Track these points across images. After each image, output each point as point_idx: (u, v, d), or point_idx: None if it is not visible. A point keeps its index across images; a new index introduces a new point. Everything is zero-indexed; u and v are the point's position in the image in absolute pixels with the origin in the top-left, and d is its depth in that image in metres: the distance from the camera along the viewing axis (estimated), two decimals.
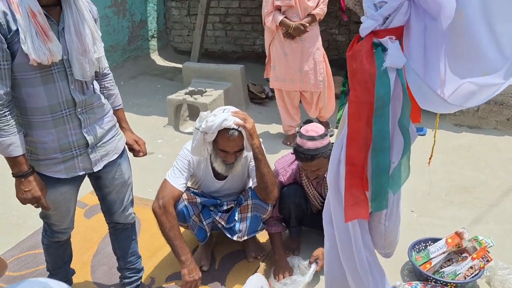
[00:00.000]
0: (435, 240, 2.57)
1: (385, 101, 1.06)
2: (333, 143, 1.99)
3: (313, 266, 2.46)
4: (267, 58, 4.03)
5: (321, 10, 3.78)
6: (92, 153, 1.93)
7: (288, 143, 4.10)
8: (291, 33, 3.74)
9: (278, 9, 3.75)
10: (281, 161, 2.70)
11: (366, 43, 1.11)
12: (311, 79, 3.86)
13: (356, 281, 1.32)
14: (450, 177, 3.50)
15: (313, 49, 3.83)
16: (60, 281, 2.30)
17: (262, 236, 2.77)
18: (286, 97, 4.05)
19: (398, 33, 1.09)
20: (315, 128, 2.42)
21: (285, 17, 3.73)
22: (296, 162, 2.63)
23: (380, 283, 1.34)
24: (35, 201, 1.80)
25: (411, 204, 3.13)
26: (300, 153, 2.38)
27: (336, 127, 1.34)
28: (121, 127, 2.15)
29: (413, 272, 2.51)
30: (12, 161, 1.73)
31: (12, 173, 1.76)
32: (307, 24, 3.72)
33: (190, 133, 4.40)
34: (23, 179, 1.75)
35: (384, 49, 1.09)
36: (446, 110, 1.04)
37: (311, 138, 2.37)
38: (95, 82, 1.96)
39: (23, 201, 1.80)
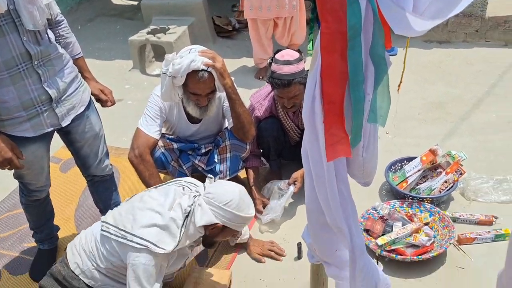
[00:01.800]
0: (410, 159, 2.64)
1: (357, 29, 1.00)
2: (307, 70, 1.95)
3: (291, 188, 2.48)
4: None
5: None
6: (57, 108, 1.85)
7: (260, 77, 4.02)
8: None
9: None
10: (256, 95, 2.65)
11: None
12: (286, 4, 3.72)
13: (328, 212, 1.35)
14: (423, 95, 3.53)
15: None
16: (45, 238, 2.33)
17: (243, 173, 2.79)
18: (261, 27, 3.89)
19: None
20: (290, 53, 2.37)
21: None
22: (271, 95, 2.58)
23: (351, 213, 1.36)
24: (7, 163, 1.74)
25: (386, 126, 3.17)
26: (276, 79, 2.33)
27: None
28: (84, 77, 2.04)
29: (391, 192, 2.61)
30: None
31: None
32: None
33: (158, 75, 4.23)
34: None
35: None
36: (420, 29, 0.99)
37: (287, 63, 2.31)
38: (49, 32, 1.83)
39: None
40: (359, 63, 1.02)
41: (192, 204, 1.80)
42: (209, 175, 2.46)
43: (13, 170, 1.97)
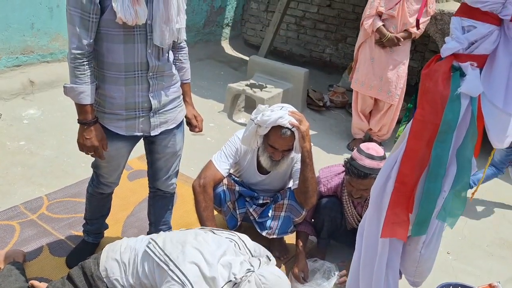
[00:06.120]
0: (465, 287, 2.46)
1: (451, 126, 1.03)
2: None
3: (337, 277, 2.46)
4: (353, 61, 4.14)
5: (419, 31, 3.80)
6: (152, 118, 2.01)
7: (354, 147, 4.06)
8: (384, 42, 3.79)
9: (379, 15, 3.81)
10: (326, 170, 2.66)
11: (445, 64, 1.08)
12: (389, 90, 3.90)
13: None
14: (497, 229, 3.33)
15: (400, 63, 3.87)
16: (93, 231, 2.45)
17: (289, 238, 2.76)
18: (360, 102, 4.12)
19: (481, 61, 1.05)
20: (376, 148, 2.37)
21: (383, 25, 3.78)
22: (341, 175, 2.59)
23: None
24: (92, 150, 1.90)
25: (449, 245, 3.01)
26: (354, 168, 2.32)
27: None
28: (184, 100, 2.22)
29: None
30: (80, 108, 1.84)
31: (77, 119, 1.88)
32: (402, 39, 3.77)
33: (242, 124, 4.46)
34: (86, 127, 1.86)
35: (463, 74, 1.06)
36: None
37: (370, 157, 2.32)
38: (170, 52, 2.04)
39: (81, 146, 1.91)
40: (444, 157, 1.04)
41: (243, 277, 1.76)
42: (264, 233, 2.48)
43: (93, 160, 2.15)
